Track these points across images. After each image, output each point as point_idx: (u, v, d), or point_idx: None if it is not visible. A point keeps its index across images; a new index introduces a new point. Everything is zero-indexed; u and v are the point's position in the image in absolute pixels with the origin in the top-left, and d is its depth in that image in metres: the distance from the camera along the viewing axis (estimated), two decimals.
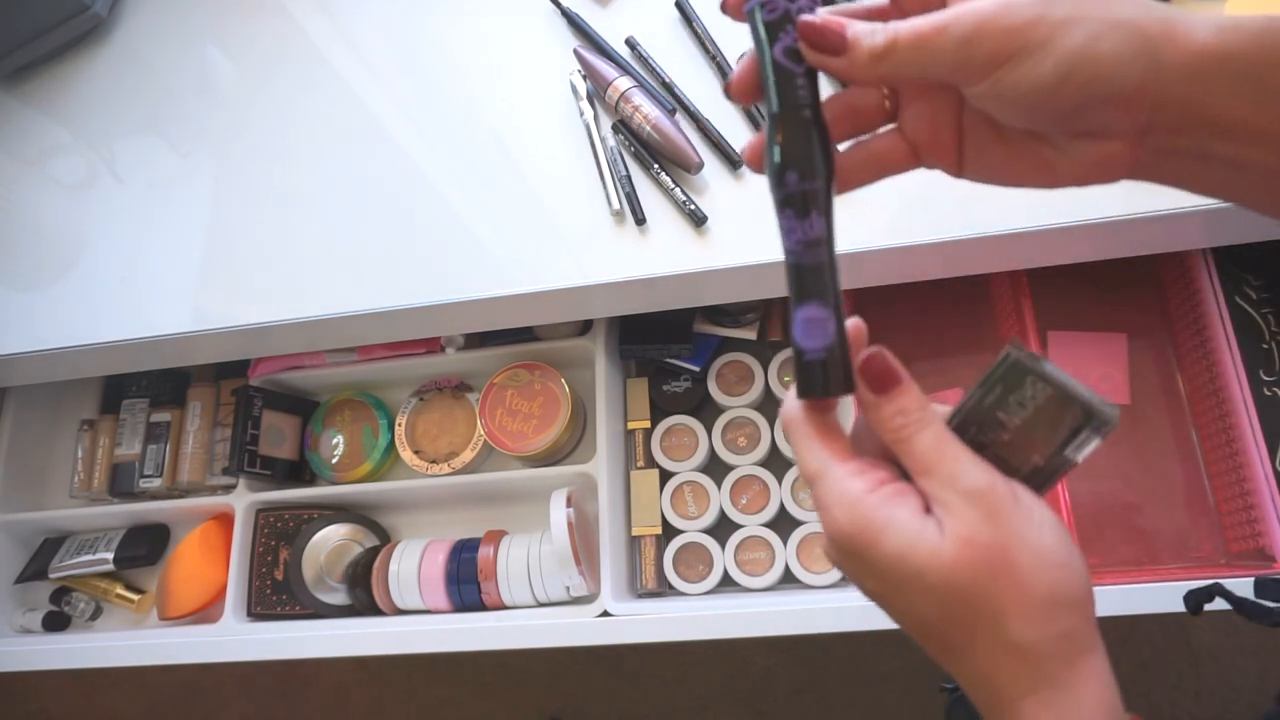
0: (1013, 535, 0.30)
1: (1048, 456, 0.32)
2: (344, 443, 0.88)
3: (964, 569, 0.30)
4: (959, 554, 0.31)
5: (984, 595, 0.30)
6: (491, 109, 0.70)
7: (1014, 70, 0.29)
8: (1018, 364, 0.32)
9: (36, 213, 0.78)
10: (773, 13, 0.32)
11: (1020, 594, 0.30)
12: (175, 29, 0.82)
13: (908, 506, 0.32)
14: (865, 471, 0.33)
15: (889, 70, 0.31)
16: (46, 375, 0.80)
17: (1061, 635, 0.30)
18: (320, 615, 0.83)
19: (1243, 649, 1.18)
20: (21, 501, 0.94)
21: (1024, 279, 0.76)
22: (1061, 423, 0.32)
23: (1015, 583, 0.30)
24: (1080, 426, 0.32)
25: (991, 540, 0.30)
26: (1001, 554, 0.30)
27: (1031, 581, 0.30)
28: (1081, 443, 0.32)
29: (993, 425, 0.33)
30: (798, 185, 0.32)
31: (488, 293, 0.64)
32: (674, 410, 0.82)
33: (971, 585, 0.31)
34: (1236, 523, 0.69)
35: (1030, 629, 0.30)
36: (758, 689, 1.30)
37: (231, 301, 0.70)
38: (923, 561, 0.31)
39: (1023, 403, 0.32)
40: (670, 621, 0.71)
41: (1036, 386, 0.32)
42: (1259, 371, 0.71)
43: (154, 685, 1.51)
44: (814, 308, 0.32)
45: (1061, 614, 0.30)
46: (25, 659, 0.83)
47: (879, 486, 0.32)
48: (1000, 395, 0.33)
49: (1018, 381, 0.32)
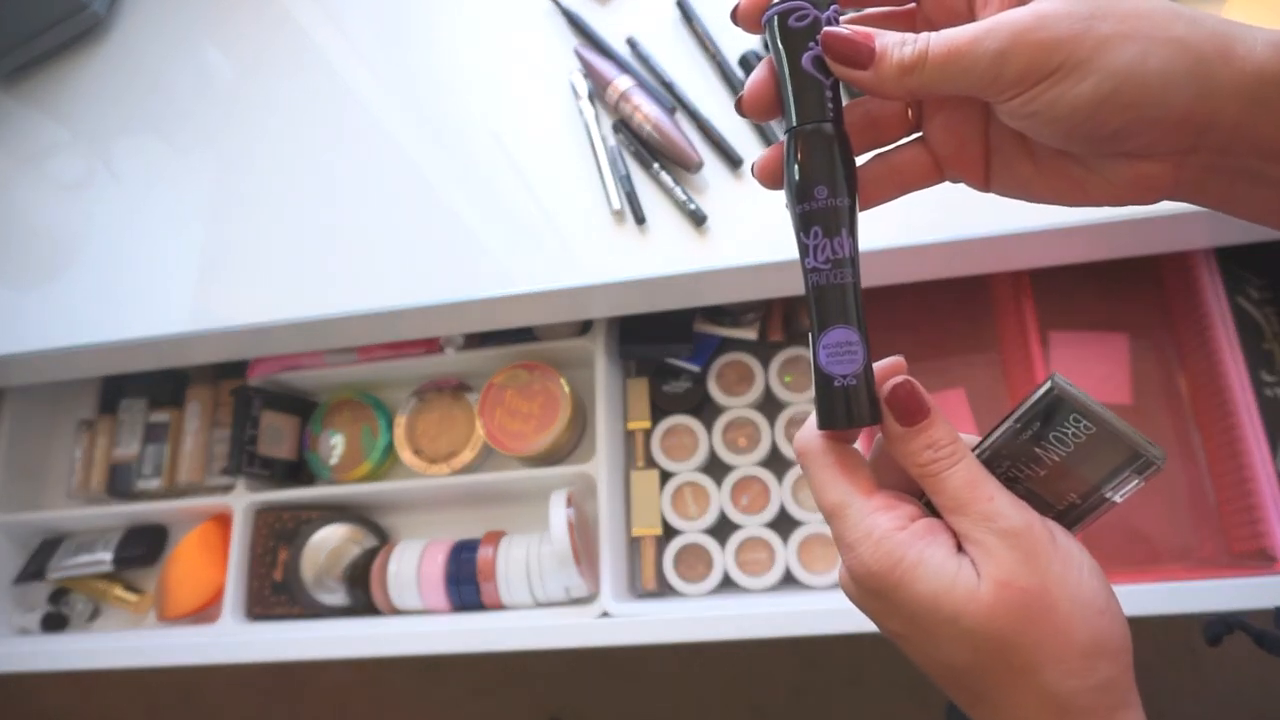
0: (1052, 579, 0.29)
1: (1085, 495, 0.31)
2: (343, 443, 0.88)
3: (1002, 614, 0.29)
4: (997, 598, 0.29)
5: (1022, 642, 0.29)
6: (491, 108, 0.70)
7: (1051, 89, 0.28)
8: (1062, 398, 0.30)
9: (34, 212, 0.78)
10: (801, 21, 0.31)
11: (1059, 642, 0.29)
12: (174, 28, 0.81)
13: (941, 545, 0.30)
14: (892, 507, 0.31)
15: (918, 85, 0.30)
16: (45, 375, 0.80)
17: (1100, 687, 0.29)
18: (319, 616, 0.83)
19: (1244, 649, 1.18)
20: (19, 502, 0.94)
21: (1025, 279, 0.75)
22: (1104, 462, 0.30)
23: (1055, 630, 0.29)
24: (1123, 466, 0.30)
25: (1030, 584, 0.29)
26: (1040, 599, 0.29)
27: (1071, 629, 0.29)
28: (1122, 482, 0.31)
29: (1028, 460, 0.31)
30: (825, 201, 0.31)
31: (488, 293, 0.64)
32: (674, 410, 0.82)
33: (1009, 632, 0.29)
34: (1238, 523, 0.69)
35: (1069, 680, 0.29)
36: (758, 689, 1.30)
37: (231, 301, 0.69)
38: (959, 606, 0.29)
39: (1063, 439, 0.31)
40: (670, 622, 0.70)
41: (1080, 424, 0.30)
42: (1261, 372, 0.71)
43: (153, 685, 1.51)
44: (841, 331, 0.31)
45: (1101, 664, 0.29)
46: (23, 660, 0.83)
47: (909, 523, 0.31)
48: (1039, 429, 0.31)
49: (1061, 417, 0.30)
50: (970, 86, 0.29)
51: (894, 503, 0.32)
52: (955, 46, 0.29)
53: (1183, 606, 0.63)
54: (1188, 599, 0.63)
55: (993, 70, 0.28)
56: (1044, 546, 0.29)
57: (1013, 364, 0.79)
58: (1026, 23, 0.28)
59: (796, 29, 0.31)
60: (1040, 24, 0.28)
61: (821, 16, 0.30)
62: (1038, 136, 0.30)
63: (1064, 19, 0.27)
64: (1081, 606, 0.29)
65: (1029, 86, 0.28)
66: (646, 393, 0.82)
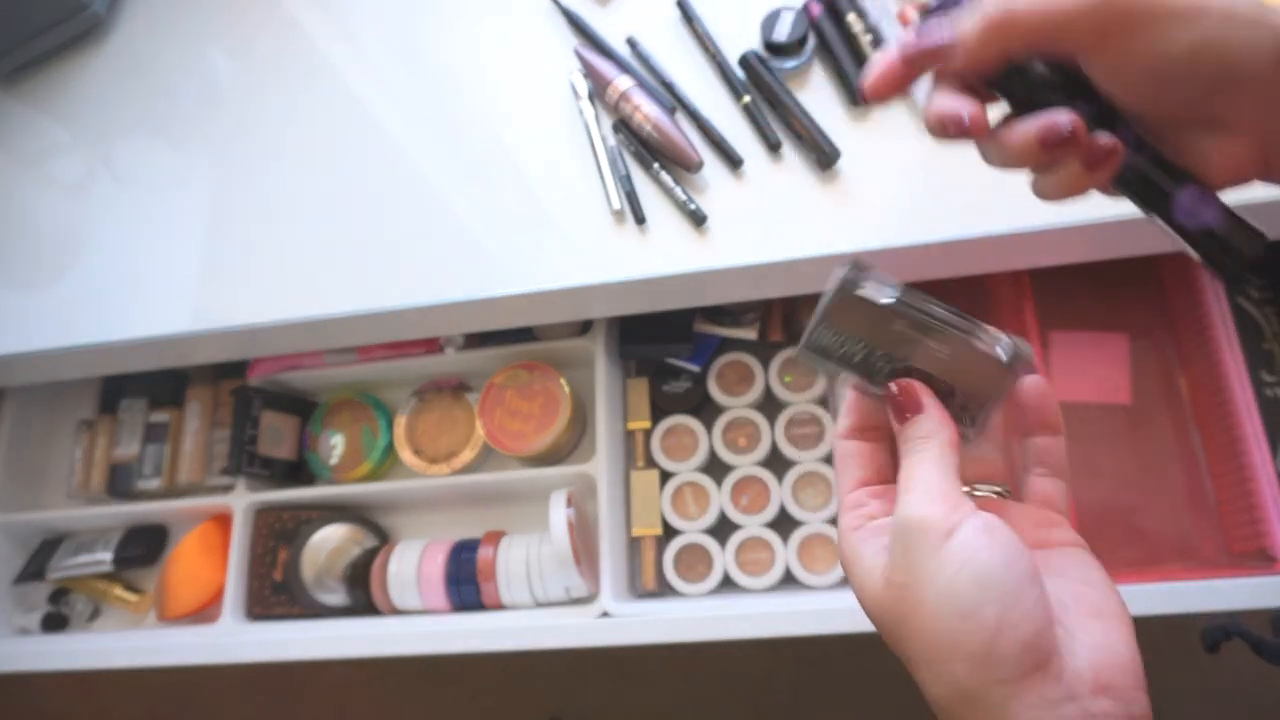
0: (924, 577, 0.29)
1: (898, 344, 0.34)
2: (343, 443, 0.88)
3: (887, 609, 0.30)
4: (883, 594, 0.31)
5: (902, 635, 0.30)
6: (491, 108, 0.70)
7: (1143, 42, 0.28)
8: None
9: (35, 212, 0.78)
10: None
11: (923, 642, 0.29)
12: (174, 28, 0.81)
13: (873, 544, 0.32)
14: (859, 504, 0.34)
15: (1009, 42, 0.30)
16: (45, 375, 0.80)
17: (963, 695, 0.28)
18: (319, 616, 0.83)
19: (1244, 650, 1.18)
20: (19, 502, 0.94)
21: (1025, 279, 0.75)
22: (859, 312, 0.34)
23: (920, 629, 0.29)
24: (849, 280, 0.34)
25: (904, 580, 0.30)
26: (912, 596, 0.29)
27: (930, 629, 0.29)
28: (860, 287, 0.34)
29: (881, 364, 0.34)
30: None
31: (488, 293, 0.64)
32: (674, 410, 0.82)
33: (891, 626, 0.30)
34: (1238, 523, 0.69)
35: (935, 682, 0.29)
36: (758, 689, 1.30)
37: (231, 301, 0.69)
38: (866, 602, 0.32)
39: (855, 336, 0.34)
40: (670, 622, 0.70)
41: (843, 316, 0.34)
42: (1261, 372, 0.71)
43: (153, 685, 1.51)
44: (1189, 191, 0.31)
45: (959, 669, 0.28)
46: (24, 660, 0.83)
47: (864, 521, 0.33)
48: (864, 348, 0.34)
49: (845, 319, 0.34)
50: (1061, 36, 0.29)
51: (863, 499, 0.34)
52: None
53: (1183, 606, 0.63)
54: (1188, 599, 0.63)
55: (1085, 21, 0.29)
56: (926, 541, 0.29)
57: None
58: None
59: None
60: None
61: None
62: (1128, 101, 0.30)
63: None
64: (945, 609, 0.28)
65: (1122, 37, 0.28)
66: (646, 393, 0.82)
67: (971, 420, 0.34)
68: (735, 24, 0.66)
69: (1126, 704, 0.28)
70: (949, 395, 0.34)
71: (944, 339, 0.34)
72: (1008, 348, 0.34)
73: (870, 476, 0.35)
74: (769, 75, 0.63)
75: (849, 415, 0.36)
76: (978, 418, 0.34)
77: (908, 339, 0.34)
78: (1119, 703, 0.28)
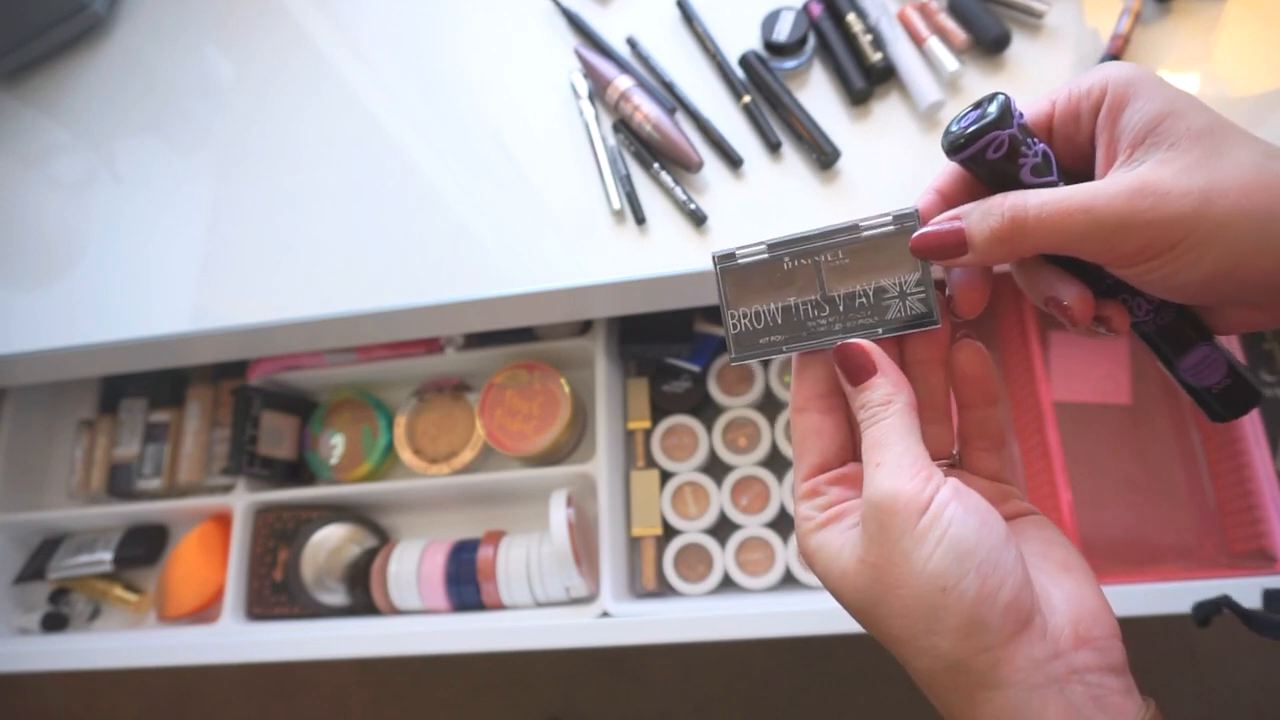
0: (899, 554, 0.29)
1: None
2: (343, 443, 0.88)
3: (863, 589, 0.30)
4: (858, 574, 0.30)
5: (880, 615, 0.30)
6: (491, 108, 0.70)
7: (1167, 265, 0.28)
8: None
9: (35, 213, 0.78)
10: (998, 151, 0.31)
11: (905, 619, 0.29)
12: (175, 28, 0.81)
13: (836, 529, 0.32)
14: (815, 493, 0.33)
15: (1020, 248, 0.30)
16: (45, 375, 0.80)
17: (952, 665, 0.28)
18: (319, 616, 0.83)
19: (1244, 649, 1.18)
20: (20, 502, 0.94)
21: None
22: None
23: (901, 606, 0.29)
24: (723, 258, 0.35)
25: (878, 559, 0.29)
26: (888, 573, 0.29)
27: (912, 605, 0.29)
28: (734, 259, 0.34)
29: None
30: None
31: (488, 293, 0.64)
32: (674, 410, 0.82)
33: (869, 606, 0.30)
34: (1238, 523, 0.69)
35: (920, 657, 0.29)
36: (758, 690, 1.30)
37: (231, 301, 0.69)
38: (839, 585, 0.31)
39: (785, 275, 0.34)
40: (670, 622, 0.70)
41: None
42: (1260, 372, 0.71)
43: (153, 685, 1.51)
44: (1198, 351, 0.33)
45: (945, 641, 0.28)
46: (23, 660, 0.83)
47: (819, 512, 0.33)
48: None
49: None
50: (1080, 252, 0.29)
51: (820, 487, 0.33)
52: (1066, 211, 0.29)
53: (1183, 606, 0.63)
54: (1188, 599, 0.63)
55: (1106, 244, 0.28)
56: (900, 519, 0.29)
57: (1013, 364, 0.79)
58: (1141, 203, 0.27)
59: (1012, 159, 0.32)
60: (1155, 201, 0.27)
61: (1004, 135, 0.31)
62: (1145, 289, 0.30)
63: (1178, 196, 0.27)
64: (925, 583, 0.28)
65: (1144, 261, 0.28)
66: (646, 393, 0.82)
67: (918, 304, 0.33)
68: (735, 24, 0.67)
69: (1105, 654, 0.29)
70: (881, 295, 0.33)
71: (833, 249, 0.34)
72: (886, 220, 0.33)
73: (829, 459, 0.34)
74: (769, 75, 0.63)
75: (799, 385, 0.35)
76: (920, 300, 0.33)
77: (806, 273, 0.34)
78: (1099, 653, 0.29)
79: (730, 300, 0.35)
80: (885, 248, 0.33)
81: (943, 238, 0.31)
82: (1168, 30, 0.60)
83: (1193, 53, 0.59)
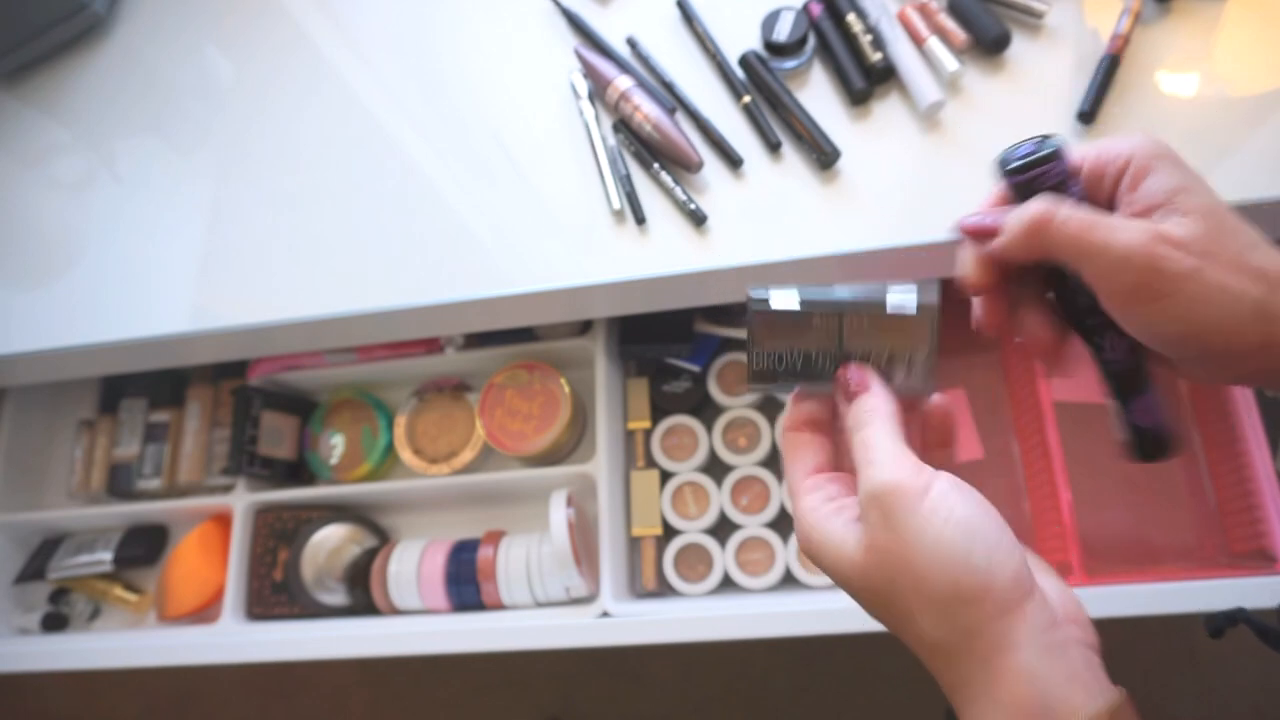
0: (910, 535, 0.31)
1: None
2: (343, 443, 0.88)
3: (873, 572, 0.32)
4: (866, 560, 0.32)
5: (892, 594, 0.32)
6: (491, 108, 0.70)
7: (1153, 313, 0.32)
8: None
9: (35, 212, 0.78)
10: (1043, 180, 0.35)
11: (920, 595, 0.31)
12: (175, 27, 0.81)
13: (838, 519, 0.34)
14: (817, 487, 0.36)
15: (1040, 246, 0.34)
16: (45, 375, 0.80)
17: (967, 632, 0.31)
18: (319, 616, 0.83)
19: (1244, 649, 1.18)
20: (20, 502, 0.94)
21: None
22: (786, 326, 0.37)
23: (915, 583, 0.31)
24: (756, 303, 0.37)
25: (888, 543, 0.32)
26: (899, 555, 0.31)
27: (927, 581, 0.31)
28: (769, 305, 0.37)
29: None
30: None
31: (488, 293, 0.64)
32: (674, 410, 0.82)
33: (879, 587, 0.32)
34: (1238, 523, 0.69)
35: (936, 629, 0.31)
36: (758, 690, 1.30)
37: (231, 301, 0.69)
38: (845, 571, 0.33)
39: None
40: (670, 622, 0.70)
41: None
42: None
43: (152, 686, 1.51)
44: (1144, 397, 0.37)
45: (960, 610, 0.30)
46: (24, 660, 0.83)
47: (826, 502, 0.35)
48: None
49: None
50: (1084, 268, 0.33)
51: (821, 483, 0.36)
52: (1091, 225, 0.32)
53: (1183, 606, 0.63)
54: (1188, 599, 0.63)
55: (1109, 269, 0.32)
56: (904, 503, 0.31)
57: (1013, 364, 0.79)
58: (1154, 246, 0.31)
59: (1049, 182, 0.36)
60: (1167, 251, 0.31)
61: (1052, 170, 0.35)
62: (1128, 329, 0.34)
63: (1181, 256, 0.31)
64: (939, 559, 0.31)
65: (1133, 303, 0.32)
66: (646, 393, 0.82)
67: (920, 376, 0.37)
68: (735, 24, 0.67)
69: (1086, 633, 0.33)
70: (891, 362, 0.37)
71: (859, 315, 0.36)
72: (911, 301, 0.36)
73: (824, 464, 0.37)
74: (769, 75, 0.63)
75: (794, 410, 0.38)
76: (923, 371, 0.37)
77: (831, 329, 0.37)
78: (1083, 631, 0.32)
79: (756, 339, 0.37)
80: (902, 325, 0.36)
81: (983, 223, 0.36)
82: (1168, 30, 0.60)
83: (1193, 53, 0.59)
